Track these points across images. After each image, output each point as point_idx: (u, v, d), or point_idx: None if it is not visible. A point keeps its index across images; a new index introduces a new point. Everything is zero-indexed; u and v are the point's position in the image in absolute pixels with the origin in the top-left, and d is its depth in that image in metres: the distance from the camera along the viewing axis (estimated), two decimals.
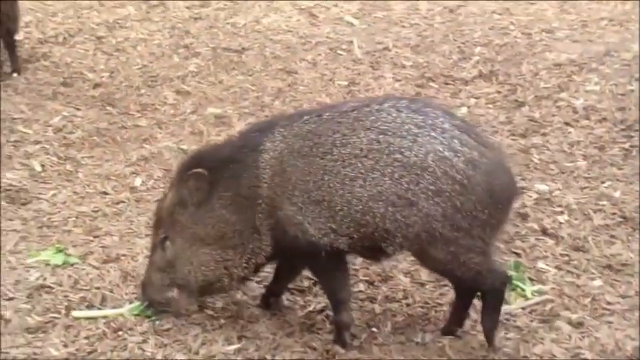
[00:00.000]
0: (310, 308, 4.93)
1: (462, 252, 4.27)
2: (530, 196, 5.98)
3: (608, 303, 4.97)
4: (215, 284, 4.68)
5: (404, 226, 4.23)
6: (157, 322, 4.75)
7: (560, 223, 5.70)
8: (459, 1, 10.11)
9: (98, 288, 5.02)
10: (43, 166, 6.50)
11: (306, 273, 5.00)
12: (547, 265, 5.30)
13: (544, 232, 5.60)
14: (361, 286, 5.10)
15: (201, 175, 4.51)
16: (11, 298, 4.93)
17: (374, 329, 4.75)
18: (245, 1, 10.23)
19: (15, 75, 8.11)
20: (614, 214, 5.80)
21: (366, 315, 4.87)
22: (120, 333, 4.67)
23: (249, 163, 4.48)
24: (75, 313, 4.80)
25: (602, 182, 6.20)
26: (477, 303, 4.68)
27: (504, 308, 4.66)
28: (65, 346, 4.58)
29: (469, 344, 4.62)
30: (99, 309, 4.85)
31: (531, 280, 5.14)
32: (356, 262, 5.15)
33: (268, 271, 5.01)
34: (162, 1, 10.27)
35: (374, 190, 4.24)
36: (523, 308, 4.92)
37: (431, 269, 4.59)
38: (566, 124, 7.08)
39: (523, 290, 5.03)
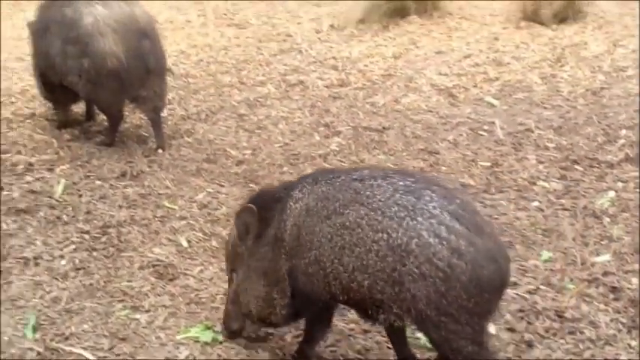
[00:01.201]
0: None
1: (453, 337, 4.25)
2: None
3: None
4: (267, 317, 4.93)
5: (398, 300, 4.27)
6: None
7: None
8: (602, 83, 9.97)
9: None
10: (189, 241, 6.54)
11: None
12: None
13: None
14: None
15: (250, 210, 4.78)
16: None
17: None
18: (383, 82, 10.26)
19: (160, 151, 8.23)
20: None
21: None
22: None
23: (282, 205, 4.71)
24: None
25: None
26: None
27: None
28: None
29: None
30: None
31: None
32: None
33: None
34: (302, 80, 10.39)
35: (358, 262, 4.33)
36: None
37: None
38: None
39: None
